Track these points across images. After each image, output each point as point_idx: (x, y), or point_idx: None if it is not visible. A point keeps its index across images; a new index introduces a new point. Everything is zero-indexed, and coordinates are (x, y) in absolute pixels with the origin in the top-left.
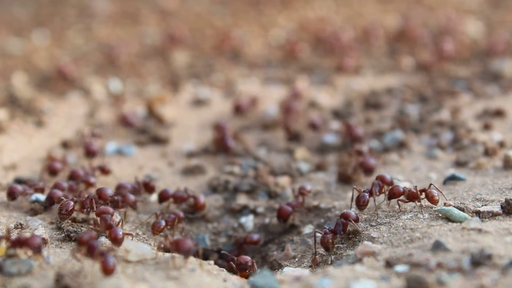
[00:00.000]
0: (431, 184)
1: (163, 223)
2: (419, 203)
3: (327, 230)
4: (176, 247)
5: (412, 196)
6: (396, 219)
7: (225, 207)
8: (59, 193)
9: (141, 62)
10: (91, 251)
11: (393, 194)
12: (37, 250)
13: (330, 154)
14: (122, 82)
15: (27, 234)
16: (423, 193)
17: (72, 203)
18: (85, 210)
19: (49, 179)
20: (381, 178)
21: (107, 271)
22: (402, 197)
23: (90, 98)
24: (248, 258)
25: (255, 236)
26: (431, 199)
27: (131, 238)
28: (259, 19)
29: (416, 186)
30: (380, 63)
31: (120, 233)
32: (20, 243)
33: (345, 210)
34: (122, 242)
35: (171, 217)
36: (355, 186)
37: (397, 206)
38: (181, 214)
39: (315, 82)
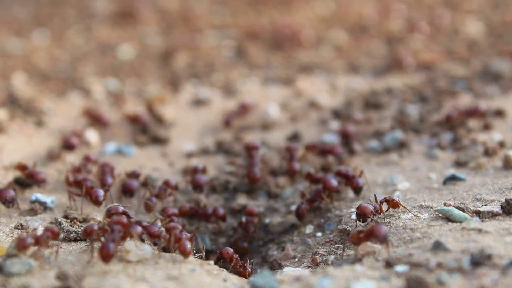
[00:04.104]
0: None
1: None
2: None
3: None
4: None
5: (380, 211)
6: (396, 219)
7: (225, 207)
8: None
9: (142, 62)
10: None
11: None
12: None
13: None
14: (122, 82)
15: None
16: (385, 204)
17: (154, 199)
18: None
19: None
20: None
21: (106, 257)
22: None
23: (90, 98)
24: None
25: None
26: (395, 205)
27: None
28: (259, 19)
29: (375, 195)
30: (380, 63)
31: (189, 246)
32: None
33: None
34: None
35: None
36: None
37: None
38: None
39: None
